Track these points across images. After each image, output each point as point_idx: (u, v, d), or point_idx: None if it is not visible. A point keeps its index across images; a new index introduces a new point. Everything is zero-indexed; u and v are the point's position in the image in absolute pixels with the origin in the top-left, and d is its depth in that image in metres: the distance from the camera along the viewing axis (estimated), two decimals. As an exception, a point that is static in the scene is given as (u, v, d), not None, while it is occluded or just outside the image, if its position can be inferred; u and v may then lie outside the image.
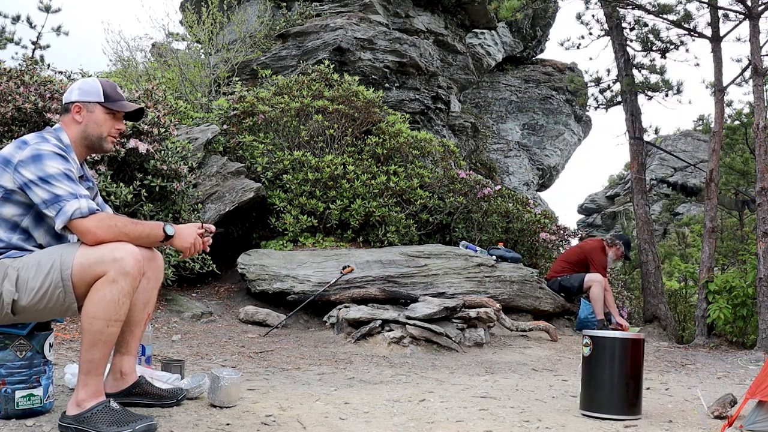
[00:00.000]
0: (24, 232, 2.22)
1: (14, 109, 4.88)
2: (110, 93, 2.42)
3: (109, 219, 2.19)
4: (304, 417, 2.51)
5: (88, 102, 2.39)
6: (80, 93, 2.39)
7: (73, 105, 2.38)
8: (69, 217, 2.11)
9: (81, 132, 2.39)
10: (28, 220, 2.22)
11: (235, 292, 6.18)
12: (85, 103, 2.39)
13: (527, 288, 6.40)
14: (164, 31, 10.77)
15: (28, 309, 2.12)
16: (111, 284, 2.08)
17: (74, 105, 2.38)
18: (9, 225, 2.20)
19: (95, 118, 2.40)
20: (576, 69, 16.43)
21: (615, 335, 2.79)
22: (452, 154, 8.75)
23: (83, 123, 2.38)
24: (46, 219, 2.23)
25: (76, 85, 2.42)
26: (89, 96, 2.39)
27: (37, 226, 2.24)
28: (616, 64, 9.15)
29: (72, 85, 2.45)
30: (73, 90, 2.41)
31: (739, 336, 6.83)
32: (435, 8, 11.91)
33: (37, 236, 2.24)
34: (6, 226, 2.20)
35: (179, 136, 6.23)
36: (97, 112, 2.40)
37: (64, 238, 2.31)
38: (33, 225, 2.23)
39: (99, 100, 2.40)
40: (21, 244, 2.21)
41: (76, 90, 2.40)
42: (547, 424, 2.58)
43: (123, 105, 2.44)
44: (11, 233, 2.20)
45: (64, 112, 2.41)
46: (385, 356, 4.41)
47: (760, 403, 2.33)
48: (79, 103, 2.38)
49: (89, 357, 2.11)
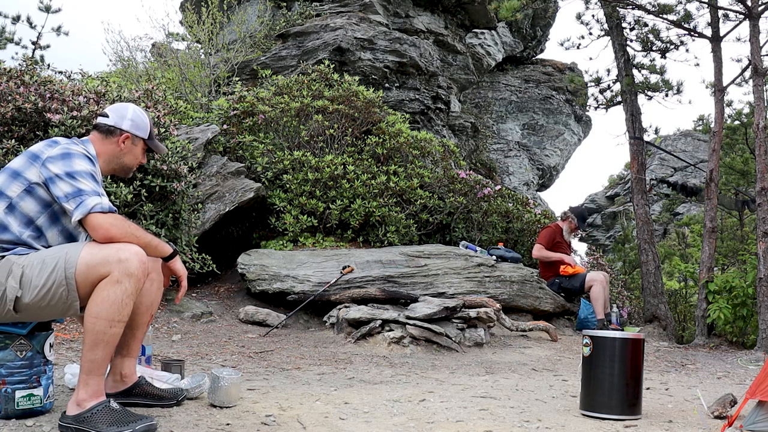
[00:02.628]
0: (37, 230, 2.23)
1: (14, 109, 4.88)
2: (152, 131, 2.54)
3: (124, 220, 2.23)
4: (304, 417, 2.51)
5: (136, 136, 2.48)
6: (132, 126, 2.47)
7: (123, 134, 2.45)
8: (89, 210, 2.13)
9: (115, 156, 2.46)
10: (43, 219, 2.23)
11: (235, 292, 6.18)
12: (134, 136, 2.47)
13: (527, 288, 6.40)
14: (164, 31, 10.79)
15: (30, 307, 2.12)
16: (115, 285, 2.08)
17: (124, 134, 2.45)
18: (24, 219, 2.21)
19: (136, 151, 2.50)
20: (576, 69, 16.43)
21: (615, 335, 2.79)
22: (452, 154, 8.75)
23: (123, 151, 2.47)
24: (62, 219, 2.25)
25: (129, 115, 2.47)
26: (139, 131, 2.49)
27: (51, 225, 2.25)
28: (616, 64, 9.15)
29: (121, 109, 2.49)
30: (124, 118, 2.46)
31: (739, 336, 6.83)
32: (435, 8, 11.91)
33: (49, 236, 2.25)
34: (21, 219, 2.21)
35: (179, 136, 6.23)
36: (139, 146, 2.51)
37: (76, 240, 2.32)
38: (47, 224, 2.24)
39: (145, 137, 2.51)
40: (30, 241, 2.21)
41: (129, 120, 2.46)
42: (547, 424, 2.58)
43: (158, 147, 2.58)
44: (24, 228, 2.21)
45: (106, 133, 2.44)
46: (385, 356, 4.41)
47: (760, 403, 2.33)
48: (130, 134, 2.46)
49: (91, 357, 2.11)
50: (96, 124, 2.48)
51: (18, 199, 2.20)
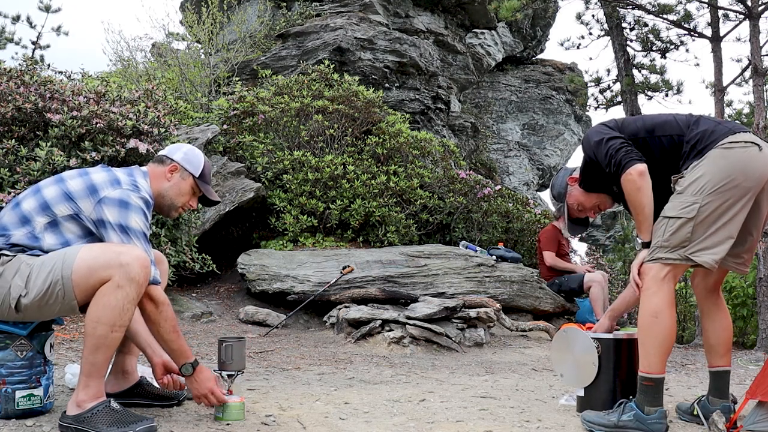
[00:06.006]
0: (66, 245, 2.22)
1: (14, 109, 4.88)
2: (206, 173, 2.50)
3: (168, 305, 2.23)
4: (304, 417, 2.51)
5: (186, 169, 2.45)
6: (185, 158, 2.46)
7: (172, 164, 2.43)
8: None
9: (163, 190, 2.43)
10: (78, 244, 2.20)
11: (235, 292, 6.18)
12: (183, 169, 2.44)
13: (527, 288, 6.40)
14: (164, 31, 10.80)
15: (30, 307, 2.12)
16: (116, 290, 2.07)
17: (173, 164, 2.43)
18: (61, 240, 2.20)
19: (183, 186, 2.46)
20: (576, 69, 16.43)
21: (614, 335, 2.79)
22: (452, 154, 8.75)
23: (170, 184, 2.44)
24: None
25: (185, 148, 2.48)
26: (190, 165, 2.46)
27: None
28: (616, 64, 9.16)
29: (180, 145, 2.50)
30: (180, 150, 2.47)
31: (739, 336, 6.83)
32: (435, 8, 11.92)
33: None
34: (58, 239, 2.20)
35: (179, 136, 6.23)
36: (188, 182, 2.46)
37: None
38: None
39: (195, 174, 2.46)
40: None
41: (183, 153, 2.46)
42: (547, 424, 2.58)
43: (209, 191, 2.52)
44: (56, 242, 2.19)
45: (159, 162, 2.44)
46: (385, 356, 4.41)
47: (760, 403, 2.33)
48: (179, 166, 2.44)
49: (92, 360, 2.11)
50: (156, 156, 2.49)
51: (63, 220, 2.19)
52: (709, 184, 2.34)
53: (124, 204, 2.19)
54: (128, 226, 2.17)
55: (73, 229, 2.21)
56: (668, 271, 2.40)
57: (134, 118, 5.34)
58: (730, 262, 2.54)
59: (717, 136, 2.41)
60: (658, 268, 2.41)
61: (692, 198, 2.35)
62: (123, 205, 2.19)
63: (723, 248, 2.36)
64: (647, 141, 2.55)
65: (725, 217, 2.34)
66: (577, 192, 2.88)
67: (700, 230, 2.34)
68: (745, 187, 2.34)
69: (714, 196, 2.33)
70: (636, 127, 2.59)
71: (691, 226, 2.34)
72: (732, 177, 2.33)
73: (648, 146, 2.54)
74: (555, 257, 6.69)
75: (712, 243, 2.34)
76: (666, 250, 2.39)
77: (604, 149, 2.53)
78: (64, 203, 2.20)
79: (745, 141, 2.39)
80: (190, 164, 2.46)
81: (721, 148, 2.38)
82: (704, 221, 2.33)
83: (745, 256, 2.58)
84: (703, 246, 2.35)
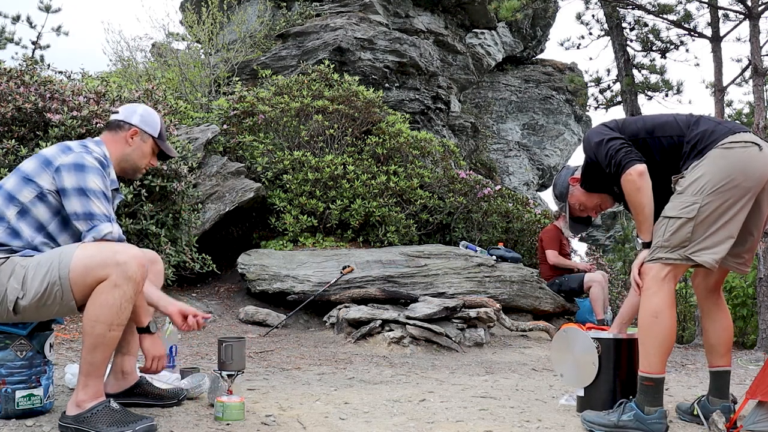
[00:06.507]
0: (48, 236, 2.24)
1: (14, 109, 4.88)
2: (162, 132, 2.54)
3: None
4: (304, 417, 2.51)
5: (146, 132, 2.48)
6: (142, 121, 2.48)
7: (132, 128, 2.45)
8: (101, 237, 2.16)
9: (125, 154, 2.46)
10: (54, 225, 2.24)
11: (235, 292, 6.18)
12: (142, 132, 2.47)
13: (527, 288, 6.40)
14: (164, 31, 10.80)
15: (28, 309, 2.12)
16: (113, 288, 2.07)
17: (133, 128, 2.45)
18: (36, 225, 2.22)
19: (145, 149, 2.49)
20: (576, 69, 16.43)
21: (612, 336, 2.79)
22: (452, 154, 8.75)
23: (132, 148, 2.46)
24: (72, 225, 2.25)
25: (139, 111, 2.49)
26: (149, 127, 2.49)
27: (62, 231, 2.26)
28: (616, 64, 9.16)
29: (131, 106, 2.51)
30: (135, 113, 2.48)
31: (739, 336, 6.83)
32: (435, 8, 11.92)
33: (61, 241, 2.26)
34: (33, 225, 2.21)
35: (179, 136, 6.23)
36: (148, 144, 2.50)
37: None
38: (58, 230, 2.25)
39: (154, 135, 2.50)
40: (42, 247, 2.22)
41: (139, 116, 2.48)
42: (547, 424, 2.58)
43: (168, 148, 2.57)
44: (36, 234, 2.21)
45: (116, 128, 2.45)
46: (385, 356, 4.41)
47: (760, 403, 2.33)
48: (138, 129, 2.46)
49: (90, 359, 2.11)
50: (107, 123, 2.49)
51: (30, 205, 2.20)
52: (710, 184, 2.34)
53: (80, 167, 2.20)
54: (87, 188, 2.18)
55: (43, 211, 2.22)
56: (668, 271, 2.40)
57: (134, 118, 5.32)
58: (731, 262, 2.54)
59: (717, 136, 2.41)
60: (659, 268, 2.41)
61: (692, 198, 2.35)
62: (79, 168, 2.20)
63: (723, 248, 2.36)
64: (647, 141, 2.55)
65: (725, 217, 2.34)
66: (579, 192, 2.88)
67: (701, 230, 2.34)
68: (745, 187, 2.34)
69: (714, 196, 2.33)
70: (636, 128, 2.59)
71: (691, 226, 2.34)
72: (732, 177, 2.33)
73: (648, 147, 2.54)
74: (558, 255, 6.70)
75: (712, 243, 2.34)
76: (666, 250, 2.39)
77: (604, 150, 2.53)
78: (25, 187, 2.21)
79: (745, 141, 2.39)
80: (149, 126, 2.49)
81: (721, 148, 2.38)
82: (704, 221, 2.33)
83: (745, 256, 2.58)
84: (703, 246, 2.34)
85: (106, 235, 2.16)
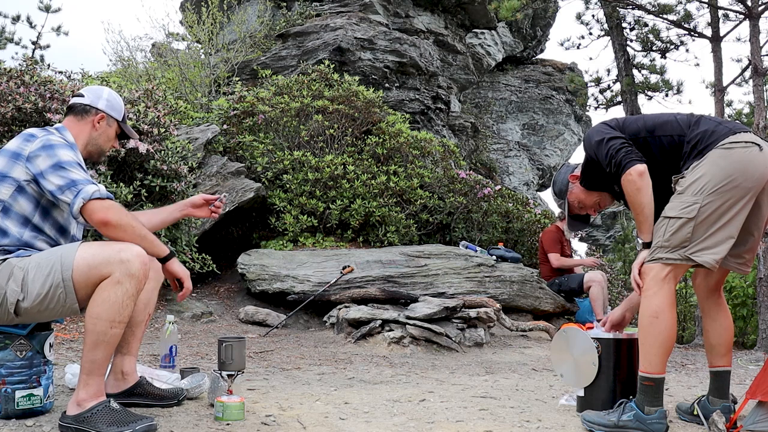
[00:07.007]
0: (35, 228, 2.24)
1: (14, 109, 4.88)
2: (125, 115, 2.57)
3: (122, 208, 2.22)
4: (304, 417, 2.51)
5: (111, 116, 2.50)
6: (108, 105, 2.49)
7: (98, 113, 2.46)
8: (90, 196, 2.13)
9: (91, 138, 2.46)
10: (38, 216, 2.24)
11: (235, 292, 6.18)
12: (109, 117, 2.49)
13: (527, 288, 6.40)
14: (164, 31, 10.81)
15: (30, 311, 2.12)
16: (116, 286, 2.07)
17: (99, 113, 2.46)
18: (21, 220, 2.22)
19: (110, 133, 2.51)
20: (576, 69, 16.44)
21: (614, 335, 2.79)
22: (452, 154, 8.75)
23: (99, 132, 2.48)
24: (52, 212, 2.26)
25: (104, 95, 2.50)
26: (114, 111, 2.52)
27: (44, 220, 2.26)
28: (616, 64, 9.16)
29: (96, 90, 2.51)
30: (100, 98, 2.48)
31: (739, 336, 6.83)
32: (435, 8, 11.92)
33: (47, 230, 2.27)
34: (18, 221, 2.22)
35: (179, 136, 6.23)
36: (113, 128, 2.52)
37: (67, 233, 2.33)
38: (41, 219, 2.25)
39: (119, 119, 2.53)
40: (32, 241, 2.22)
41: (104, 100, 2.49)
42: (547, 424, 2.58)
43: (129, 130, 2.60)
44: (23, 229, 2.22)
45: (82, 113, 2.45)
46: (385, 356, 4.41)
47: (760, 403, 2.33)
48: (105, 114, 2.48)
49: (91, 357, 2.11)
50: (70, 106, 2.48)
51: (11, 201, 2.20)
52: (710, 184, 2.34)
53: (49, 146, 2.22)
54: (61, 161, 2.19)
55: (25, 204, 2.22)
56: (669, 272, 2.40)
57: (134, 118, 5.34)
58: (732, 262, 2.54)
59: (717, 137, 2.41)
60: (659, 269, 2.40)
61: (693, 198, 2.35)
62: (48, 148, 2.21)
63: (723, 248, 2.35)
64: (648, 141, 2.55)
65: (726, 217, 2.34)
66: (578, 190, 2.88)
67: (701, 230, 2.34)
68: (745, 188, 2.34)
69: (714, 196, 2.33)
70: (637, 127, 2.58)
71: (691, 226, 2.34)
72: (732, 177, 2.33)
73: (649, 146, 2.54)
74: (561, 257, 6.69)
75: (712, 243, 2.34)
76: (666, 250, 2.38)
77: (605, 149, 2.53)
78: (2, 185, 2.21)
79: (745, 141, 2.39)
80: (114, 110, 2.51)
81: (722, 148, 2.38)
82: (705, 221, 2.33)
83: (746, 256, 2.58)
84: (703, 246, 2.34)
85: (94, 194, 2.14)
